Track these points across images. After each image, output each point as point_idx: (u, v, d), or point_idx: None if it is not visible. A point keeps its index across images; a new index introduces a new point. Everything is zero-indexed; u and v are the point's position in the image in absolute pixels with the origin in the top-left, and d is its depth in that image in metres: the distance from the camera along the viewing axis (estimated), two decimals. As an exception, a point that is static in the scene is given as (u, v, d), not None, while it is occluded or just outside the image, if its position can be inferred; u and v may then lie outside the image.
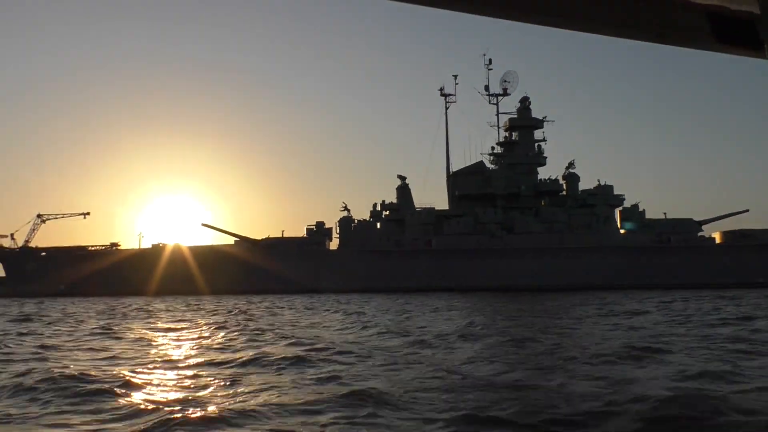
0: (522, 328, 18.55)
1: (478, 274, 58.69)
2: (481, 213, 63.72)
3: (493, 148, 69.12)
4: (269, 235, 66.58)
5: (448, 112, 72.31)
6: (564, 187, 66.77)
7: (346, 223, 66.52)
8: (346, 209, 67.51)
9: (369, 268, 60.59)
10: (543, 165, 68.02)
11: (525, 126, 68.38)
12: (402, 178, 69.19)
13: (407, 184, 68.94)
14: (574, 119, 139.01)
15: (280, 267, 60.22)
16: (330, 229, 67.07)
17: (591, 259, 59.10)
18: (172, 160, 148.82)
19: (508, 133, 69.34)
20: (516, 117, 69.09)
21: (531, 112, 69.15)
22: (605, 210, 64.50)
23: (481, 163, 68.31)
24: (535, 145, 68.49)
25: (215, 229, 69.27)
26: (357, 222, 66.99)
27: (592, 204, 64.30)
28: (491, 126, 70.91)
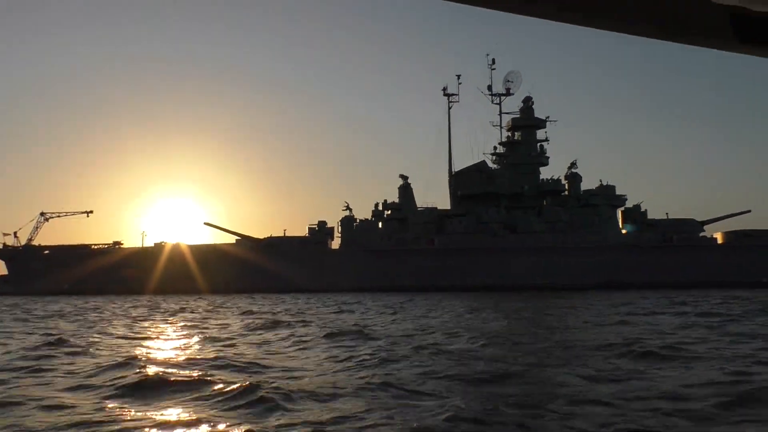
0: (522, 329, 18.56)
1: (480, 273, 58.70)
2: (483, 212, 63.73)
3: (495, 148, 69.28)
4: (271, 235, 66.67)
5: (450, 112, 72.56)
6: (566, 187, 66.77)
7: (348, 222, 66.48)
8: (348, 209, 67.52)
9: (371, 268, 60.58)
10: (545, 165, 68.01)
11: (528, 126, 68.36)
12: (404, 178, 69.15)
13: (409, 184, 68.91)
14: (576, 119, 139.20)
15: (282, 266, 60.26)
16: (332, 228, 67.06)
17: (593, 259, 59.10)
18: (176, 161, 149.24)
19: (510, 132, 69.33)
20: (519, 117, 69.06)
21: (534, 111, 69.16)
22: (607, 210, 64.49)
23: (483, 162, 68.33)
24: (538, 144, 68.47)
25: (217, 227, 69.34)
26: (359, 221, 66.94)
27: (595, 204, 64.28)
28: (494, 126, 71.16)
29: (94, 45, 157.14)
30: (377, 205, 67.95)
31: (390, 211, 67.51)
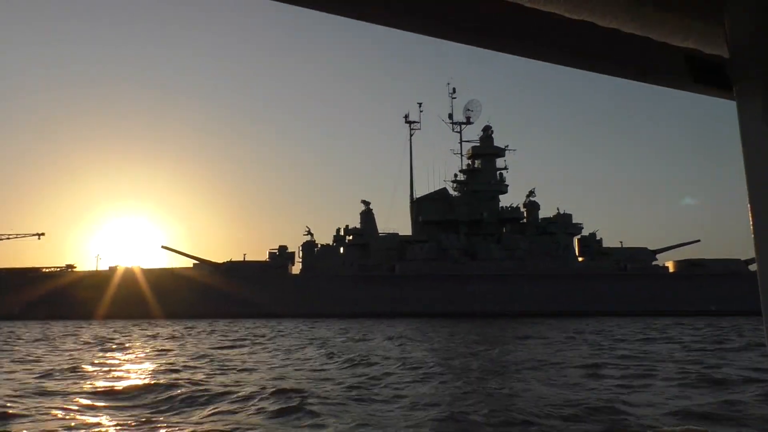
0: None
1: (441, 299, 59.05)
2: (444, 239, 64.33)
3: (456, 175, 70.25)
4: (231, 259, 65.78)
5: (412, 139, 73.42)
6: (525, 214, 68.11)
7: (309, 247, 66.10)
8: (310, 233, 67.19)
9: (332, 293, 60.28)
10: (505, 193, 69.30)
11: (487, 154, 69.71)
12: (366, 203, 69.40)
13: (371, 209, 69.17)
14: (534, 149, 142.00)
15: (242, 291, 59.37)
16: (293, 253, 66.48)
17: (551, 286, 60.17)
18: (129, 182, 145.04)
19: (470, 160, 70.56)
20: (479, 145, 70.43)
21: (493, 140, 70.63)
22: (564, 238, 65.92)
23: (444, 189, 69.22)
24: (497, 173, 69.80)
25: (175, 251, 68.01)
26: (320, 246, 66.67)
27: (552, 232, 65.66)
28: (455, 153, 72.39)
29: (44, 65, 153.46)
30: (339, 230, 67.96)
31: (351, 237, 67.48)
